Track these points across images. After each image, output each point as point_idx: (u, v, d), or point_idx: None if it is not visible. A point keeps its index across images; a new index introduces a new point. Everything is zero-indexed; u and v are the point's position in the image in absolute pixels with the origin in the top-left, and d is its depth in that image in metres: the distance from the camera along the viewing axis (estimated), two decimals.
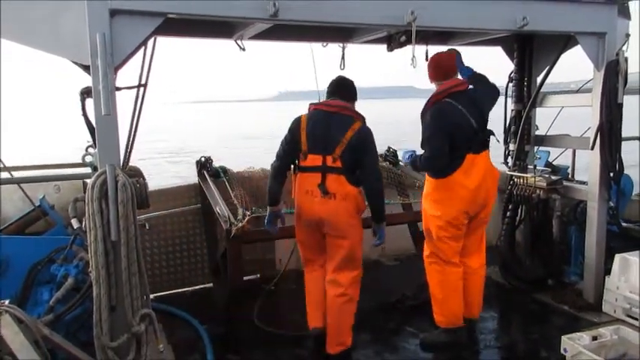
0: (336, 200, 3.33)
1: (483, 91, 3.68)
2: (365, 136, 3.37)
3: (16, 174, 3.92)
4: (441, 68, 3.64)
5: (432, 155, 3.51)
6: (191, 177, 5.02)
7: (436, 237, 3.65)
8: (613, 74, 3.93)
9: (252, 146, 27.70)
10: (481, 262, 3.82)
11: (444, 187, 3.58)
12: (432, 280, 3.74)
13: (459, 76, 3.70)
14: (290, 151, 3.47)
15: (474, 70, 3.78)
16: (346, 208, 3.37)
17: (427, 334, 3.81)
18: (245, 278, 5.00)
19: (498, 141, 3.73)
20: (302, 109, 3.63)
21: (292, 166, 3.53)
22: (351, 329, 3.57)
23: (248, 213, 3.97)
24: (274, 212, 3.58)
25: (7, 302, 2.44)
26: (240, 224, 3.79)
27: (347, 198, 3.36)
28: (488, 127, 3.69)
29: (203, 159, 4.85)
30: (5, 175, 3.82)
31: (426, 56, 3.93)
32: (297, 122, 3.44)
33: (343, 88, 3.53)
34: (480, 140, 3.57)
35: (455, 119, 3.49)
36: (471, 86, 3.64)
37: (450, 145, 3.48)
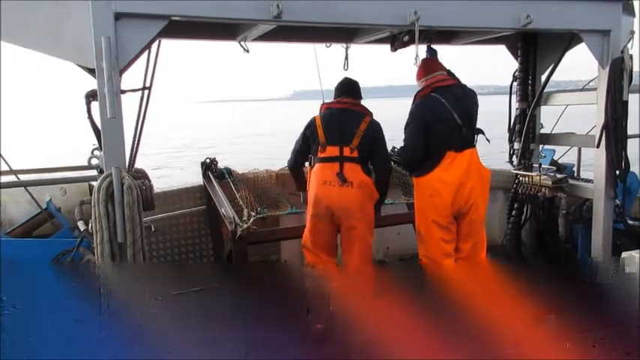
0: (353, 188, 3.53)
1: (469, 90, 3.71)
2: (378, 128, 3.72)
3: (23, 177, 3.93)
4: (425, 65, 3.73)
5: (405, 145, 3.67)
6: (194, 167, 5.03)
7: (425, 237, 3.67)
8: (618, 72, 3.91)
9: (265, 142, 28.62)
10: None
11: (425, 185, 3.60)
12: None
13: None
14: (305, 147, 3.78)
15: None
16: (362, 196, 3.59)
17: None
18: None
19: (488, 140, 3.73)
20: (316, 107, 3.95)
21: (309, 161, 3.76)
22: None
23: (253, 214, 3.99)
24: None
25: None
26: (245, 225, 3.81)
27: (362, 186, 3.56)
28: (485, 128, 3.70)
29: (208, 160, 4.84)
30: (12, 177, 3.84)
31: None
32: (312, 121, 3.75)
33: (350, 88, 3.84)
34: (464, 137, 3.56)
35: (437, 113, 3.52)
36: None
37: (430, 141, 3.52)
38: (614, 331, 2.50)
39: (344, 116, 3.68)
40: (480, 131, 3.70)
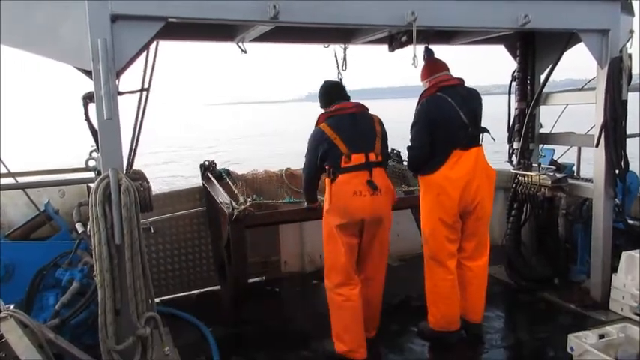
0: (382, 195, 3.42)
1: (473, 90, 3.72)
2: (384, 126, 3.59)
3: (21, 179, 3.93)
4: (429, 65, 3.74)
5: (412, 144, 3.63)
6: (197, 164, 5.06)
7: (429, 236, 3.65)
8: (617, 71, 3.91)
9: (271, 143, 30.75)
10: (482, 263, 3.77)
11: (431, 184, 3.59)
12: (426, 281, 3.75)
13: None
14: (320, 167, 3.47)
15: None
16: (389, 202, 3.51)
17: (425, 323, 3.83)
18: (250, 280, 5.03)
19: (494, 139, 3.73)
20: None
21: (328, 173, 3.44)
22: None
23: (249, 200, 4.03)
24: (313, 207, 3.87)
25: (12, 307, 2.44)
26: (242, 207, 3.84)
27: (388, 191, 3.49)
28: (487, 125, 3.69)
29: (207, 163, 4.87)
30: (10, 180, 3.84)
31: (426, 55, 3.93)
32: (322, 135, 3.41)
33: (343, 90, 3.71)
34: (470, 136, 3.55)
35: (443, 112, 3.51)
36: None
37: (436, 139, 3.52)
38: None
39: (356, 121, 3.46)
40: (485, 130, 3.69)
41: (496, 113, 5.00)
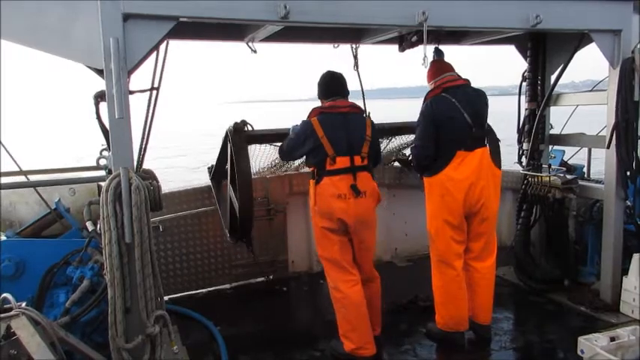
0: (366, 198, 3.45)
1: (479, 91, 3.71)
2: (377, 129, 3.62)
3: (32, 177, 3.95)
4: (434, 67, 3.73)
5: (416, 144, 3.66)
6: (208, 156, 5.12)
7: (436, 237, 3.65)
8: (629, 72, 3.88)
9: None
10: (489, 264, 3.76)
11: (436, 185, 3.58)
12: (433, 282, 3.75)
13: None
14: (303, 153, 3.52)
15: None
16: (373, 204, 3.55)
17: (433, 324, 3.83)
18: (257, 280, 5.04)
19: (499, 140, 3.71)
20: None
21: (312, 174, 3.49)
22: None
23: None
24: None
25: (24, 304, 2.45)
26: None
27: (373, 194, 3.51)
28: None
29: (213, 165, 4.89)
30: (21, 178, 3.86)
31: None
32: (312, 131, 3.40)
33: (342, 86, 3.60)
34: (474, 136, 3.54)
35: (447, 112, 3.51)
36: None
37: (440, 140, 3.51)
38: None
39: (347, 123, 3.44)
40: (491, 130, 3.68)
41: (512, 113, 4.98)
